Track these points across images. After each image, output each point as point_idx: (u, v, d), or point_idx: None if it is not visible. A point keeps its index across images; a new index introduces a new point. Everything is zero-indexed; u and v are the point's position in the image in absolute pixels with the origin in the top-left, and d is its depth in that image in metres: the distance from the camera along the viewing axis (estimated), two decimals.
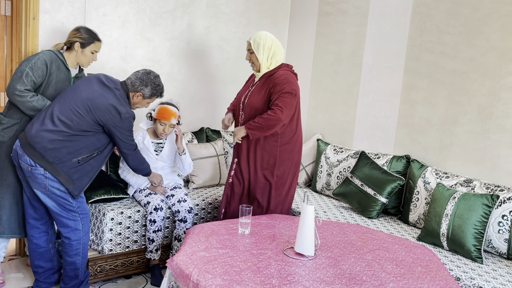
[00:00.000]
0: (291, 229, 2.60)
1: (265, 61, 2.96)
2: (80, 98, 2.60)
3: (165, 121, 3.14)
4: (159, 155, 3.27)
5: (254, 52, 2.96)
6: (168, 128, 3.18)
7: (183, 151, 3.25)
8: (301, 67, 4.45)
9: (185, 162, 3.29)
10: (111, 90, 2.66)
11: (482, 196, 2.76)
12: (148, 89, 2.77)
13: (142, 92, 2.77)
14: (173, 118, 3.16)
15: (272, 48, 2.95)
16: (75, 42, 2.90)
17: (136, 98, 2.79)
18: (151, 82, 2.78)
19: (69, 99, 2.61)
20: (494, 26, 3.05)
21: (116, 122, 2.63)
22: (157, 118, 3.17)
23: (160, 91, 2.85)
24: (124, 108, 2.64)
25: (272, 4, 4.48)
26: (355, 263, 2.21)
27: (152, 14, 3.77)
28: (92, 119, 2.59)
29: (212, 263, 2.08)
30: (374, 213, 3.31)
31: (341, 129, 4.10)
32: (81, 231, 2.73)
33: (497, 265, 2.66)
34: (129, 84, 2.75)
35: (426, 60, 3.45)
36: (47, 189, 2.58)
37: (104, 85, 2.66)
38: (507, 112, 2.98)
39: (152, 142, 3.26)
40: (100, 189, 3.13)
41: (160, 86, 2.83)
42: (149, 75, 2.78)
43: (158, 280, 3.08)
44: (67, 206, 2.66)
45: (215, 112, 4.20)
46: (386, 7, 3.72)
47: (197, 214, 3.45)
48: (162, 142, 3.30)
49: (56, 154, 2.55)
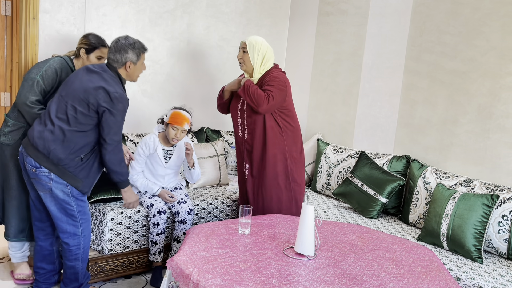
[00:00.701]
0: (291, 229, 2.60)
1: (258, 67, 3.02)
2: (71, 90, 2.57)
3: (177, 125, 3.10)
4: (168, 163, 3.24)
5: (247, 52, 3.00)
6: (180, 134, 3.13)
7: (193, 165, 3.21)
8: (301, 67, 4.45)
9: (194, 173, 3.27)
10: (98, 73, 2.60)
11: (482, 196, 2.76)
12: (131, 54, 2.65)
13: (129, 60, 2.66)
14: (186, 123, 3.12)
15: (266, 55, 3.02)
16: (81, 49, 2.92)
17: (129, 69, 2.68)
18: (127, 46, 2.65)
19: (63, 95, 2.59)
20: (494, 26, 3.05)
21: (108, 103, 2.52)
22: (169, 123, 3.12)
23: (141, 46, 2.71)
24: (113, 88, 2.55)
25: (272, 4, 4.48)
26: (355, 263, 2.21)
27: (152, 14, 3.77)
28: (86, 109, 2.53)
29: (212, 263, 2.08)
30: (374, 213, 3.31)
31: (341, 129, 4.10)
32: (79, 236, 2.70)
33: (497, 265, 2.66)
34: (112, 63, 2.66)
35: (426, 60, 3.45)
36: (51, 191, 2.56)
37: (90, 71, 2.61)
38: (507, 112, 2.98)
39: (163, 149, 3.23)
40: (100, 189, 3.13)
41: (136, 42, 2.69)
42: (119, 43, 2.65)
43: (158, 282, 3.08)
44: (68, 211, 2.63)
45: (215, 112, 4.19)
46: (386, 7, 3.72)
47: (197, 214, 3.45)
48: (172, 149, 3.25)
49: (59, 155, 2.53)
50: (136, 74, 2.75)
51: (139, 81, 3.77)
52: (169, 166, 3.26)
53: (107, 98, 2.53)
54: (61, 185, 2.57)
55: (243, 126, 3.08)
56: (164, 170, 3.25)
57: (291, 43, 4.61)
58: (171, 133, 3.12)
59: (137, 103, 3.80)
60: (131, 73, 2.71)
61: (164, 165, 3.23)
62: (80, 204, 2.68)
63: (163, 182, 3.29)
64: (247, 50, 3.00)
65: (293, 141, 3.09)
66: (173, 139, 3.13)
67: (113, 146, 2.61)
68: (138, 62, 2.71)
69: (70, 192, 2.61)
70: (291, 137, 3.08)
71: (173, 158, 3.25)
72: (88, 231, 2.76)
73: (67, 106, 2.55)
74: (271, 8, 4.49)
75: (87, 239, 2.75)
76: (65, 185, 2.58)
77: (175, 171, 3.34)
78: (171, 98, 3.97)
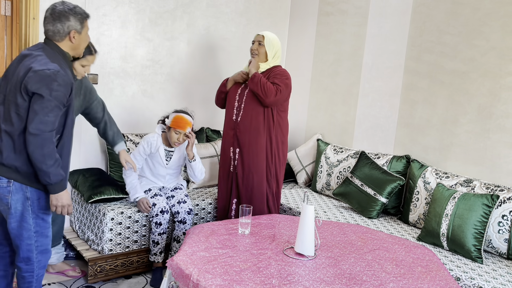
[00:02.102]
0: (291, 229, 2.60)
1: (270, 60, 3.17)
2: (9, 86, 2.19)
3: (180, 130, 3.09)
4: (169, 163, 3.24)
5: (264, 45, 3.12)
6: (183, 138, 3.13)
7: (193, 157, 3.18)
8: (301, 67, 4.45)
9: (196, 168, 3.22)
10: (30, 56, 2.19)
11: (482, 196, 2.76)
12: (73, 21, 2.24)
13: (73, 28, 2.24)
14: (188, 127, 3.11)
15: (277, 52, 3.19)
16: None
17: (74, 39, 2.26)
18: (67, 12, 2.23)
19: (5, 94, 2.21)
20: (494, 26, 3.05)
21: (37, 84, 2.08)
22: (172, 127, 3.10)
23: (82, 11, 2.29)
24: (43, 65, 2.11)
25: (272, 4, 4.48)
26: (355, 263, 2.21)
27: (152, 14, 3.77)
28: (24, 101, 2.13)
29: (212, 263, 2.08)
30: (374, 213, 3.31)
31: (341, 129, 4.10)
32: (34, 262, 2.30)
33: (497, 265, 2.66)
34: (52, 36, 2.23)
35: (426, 60, 3.45)
36: (9, 206, 2.22)
37: (23, 57, 2.22)
38: (507, 112, 2.98)
39: (164, 149, 3.22)
40: (100, 189, 3.13)
41: (76, 7, 2.28)
42: (56, 9, 2.22)
43: (158, 283, 3.08)
44: (23, 230, 2.25)
45: (215, 112, 4.19)
46: (386, 7, 3.72)
47: (197, 214, 3.46)
48: (173, 150, 3.25)
49: (22, 159, 2.17)
50: (82, 46, 2.34)
51: (139, 81, 3.77)
52: (170, 166, 3.26)
53: (35, 78, 2.09)
54: (22, 197, 2.22)
55: (238, 110, 3.12)
56: (165, 170, 3.25)
57: (291, 43, 4.61)
58: (173, 137, 3.11)
59: (137, 103, 3.80)
60: (77, 45, 2.29)
61: (165, 165, 3.23)
62: (40, 224, 2.28)
63: (164, 181, 3.29)
64: (264, 43, 3.12)
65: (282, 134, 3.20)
66: (175, 143, 3.13)
67: (38, 137, 2.11)
68: (83, 31, 2.29)
69: (31, 207, 2.24)
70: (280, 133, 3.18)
71: (174, 158, 3.25)
72: (44, 263, 2.36)
73: (10, 105, 2.16)
74: (271, 8, 4.49)
75: (42, 270, 2.36)
76: (25, 198, 2.22)
77: (175, 171, 3.33)
78: (171, 98, 3.97)
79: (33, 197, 2.24)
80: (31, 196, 2.23)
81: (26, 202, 2.22)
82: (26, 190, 2.22)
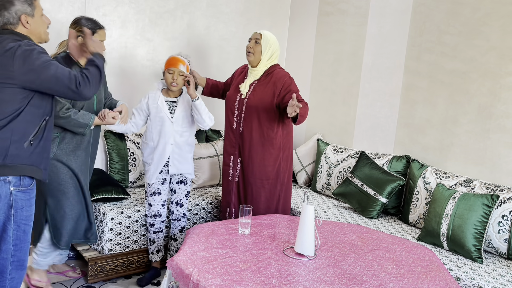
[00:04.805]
0: (291, 229, 2.60)
1: (265, 60, 3.07)
2: None
3: (173, 67, 2.95)
4: (174, 117, 3.02)
5: (260, 44, 3.03)
6: (178, 76, 2.96)
7: (196, 97, 2.95)
8: (301, 67, 4.45)
9: (201, 110, 2.97)
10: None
11: (482, 196, 2.76)
12: (19, 4, 2.07)
13: (22, 13, 2.08)
14: (181, 64, 2.96)
15: (275, 51, 3.10)
16: (78, 37, 2.65)
17: (28, 24, 2.11)
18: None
19: None
20: (494, 26, 3.05)
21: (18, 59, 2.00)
22: (165, 69, 2.98)
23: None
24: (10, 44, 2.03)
25: (272, 4, 4.49)
26: (355, 263, 2.21)
27: (152, 14, 3.77)
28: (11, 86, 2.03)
29: (212, 263, 2.08)
30: (374, 213, 3.31)
31: (341, 129, 4.10)
32: (7, 279, 2.18)
33: (497, 265, 2.66)
34: (3, 23, 2.09)
35: (426, 60, 3.45)
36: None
37: None
38: (507, 112, 2.98)
39: (165, 100, 3.04)
40: (101, 188, 3.13)
41: None
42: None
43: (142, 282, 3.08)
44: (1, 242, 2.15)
45: (214, 112, 4.17)
46: (386, 7, 3.72)
47: (197, 214, 3.46)
48: (175, 100, 3.06)
49: (4, 152, 2.08)
50: (41, 29, 2.18)
51: (139, 81, 3.77)
52: (176, 120, 3.02)
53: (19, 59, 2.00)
54: (5, 206, 2.13)
55: (239, 119, 3.07)
56: (171, 125, 3.01)
57: (291, 43, 4.61)
58: (168, 78, 2.97)
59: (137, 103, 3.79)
60: (34, 30, 2.13)
61: (170, 118, 3.01)
62: (20, 237, 2.18)
63: (174, 145, 3.05)
64: (261, 42, 3.04)
65: (287, 138, 3.12)
66: (171, 83, 2.96)
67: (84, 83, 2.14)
68: (36, 13, 2.12)
69: (13, 216, 2.16)
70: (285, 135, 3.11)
71: (178, 110, 3.04)
72: (19, 277, 2.21)
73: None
74: (271, 8, 4.49)
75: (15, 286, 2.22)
76: (9, 206, 2.13)
77: (183, 130, 3.07)
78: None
79: (16, 206, 2.16)
80: (15, 205, 2.16)
81: (9, 211, 2.14)
82: (10, 198, 2.15)
